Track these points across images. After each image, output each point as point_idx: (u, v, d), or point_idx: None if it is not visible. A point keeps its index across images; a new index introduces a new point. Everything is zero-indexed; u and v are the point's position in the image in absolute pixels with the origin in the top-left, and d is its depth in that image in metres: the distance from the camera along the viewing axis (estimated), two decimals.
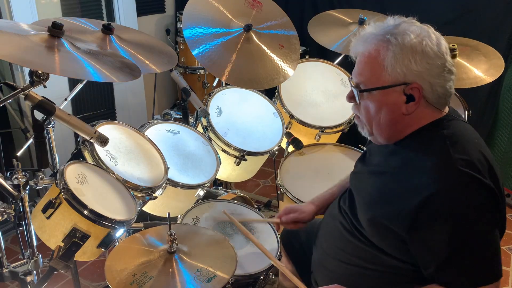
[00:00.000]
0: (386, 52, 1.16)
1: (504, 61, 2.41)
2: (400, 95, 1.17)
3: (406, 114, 1.19)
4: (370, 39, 1.20)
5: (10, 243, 2.60)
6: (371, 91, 1.20)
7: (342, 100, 2.45)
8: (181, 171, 1.97)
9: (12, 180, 1.48)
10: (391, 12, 1.31)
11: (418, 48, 1.14)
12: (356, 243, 1.29)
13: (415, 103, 1.17)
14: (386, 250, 1.22)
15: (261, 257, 1.72)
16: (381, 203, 1.21)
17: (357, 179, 1.40)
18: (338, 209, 1.41)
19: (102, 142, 1.54)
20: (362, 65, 1.22)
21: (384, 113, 1.21)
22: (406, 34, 1.15)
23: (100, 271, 2.42)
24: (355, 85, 1.24)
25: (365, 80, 1.21)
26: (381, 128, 1.23)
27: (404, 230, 1.14)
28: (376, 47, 1.18)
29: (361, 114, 1.26)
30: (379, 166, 1.31)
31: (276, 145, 2.22)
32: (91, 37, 1.92)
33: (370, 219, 1.23)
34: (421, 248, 1.14)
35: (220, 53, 2.16)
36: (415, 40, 1.14)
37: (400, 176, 1.19)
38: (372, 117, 1.23)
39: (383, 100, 1.19)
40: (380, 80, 1.18)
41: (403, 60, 1.14)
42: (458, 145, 1.15)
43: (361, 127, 1.31)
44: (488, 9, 2.93)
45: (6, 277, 1.58)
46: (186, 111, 2.22)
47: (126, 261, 1.34)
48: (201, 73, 3.64)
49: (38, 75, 1.42)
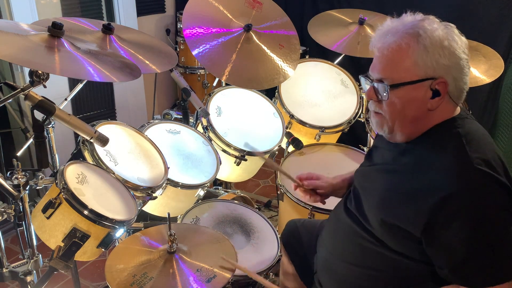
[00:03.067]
0: (417, 45, 1.14)
1: (503, 61, 2.41)
2: (427, 90, 1.16)
3: (430, 110, 1.18)
4: (400, 31, 1.17)
5: (10, 243, 2.60)
6: (399, 86, 1.17)
7: (342, 100, 2.45)
8: (181, 171, 1.97)
9: (12, 180, 1.48)
10: (391, 12, 1.31)
11: (446, 43, 1.14)
12: (365, 244, 1.27)
13: (440, 98, 1.16)
14: (399, 250, 1.20)
15: (261, 257, 1.73)
16: (393, 204, 1.19)
17: (364, 177, 1.38)
18: (345, 209, 1.39)
19: (102, 142, 1.54)
20: (388, 59, 1.17)
21: (410, 109, 1.18)
22: (433, 28, 1.15)
23: (100, 271, 2.42)
24: (378, 81, 1.20)
25: (393, 75, 1.17)
26: (405, 125, 1.21)
27: (419, 231, 1.13)
28: (406, 40, 1.15)
29: (384, 111, 1.22)
30: (389, 164, 1.29)
31: (276, 145, 2.22)
32: (91, 37, 1.92)
33: (381, 220, 1.21)
34: (437, 248, 1.13)
35: (220, 53, 2.16)
36: (443, 34, 1.14)
37: (413, 174, 1.18)
38: (398, 113, 1.19)
39: (410, 96, 1.17)
40: (409, 74, 1.15)
41: (433, 54, 1.13)
42: (474, 144, 1.14)
43: (379, 125, 1.26)
44: (488, 10, 2.93)
45: (6, 277, 1.58)
46: (186, 111, 2.22)
47: (126, 261, 1.35)
48: (201, 73, 3.64)
49: (38, 75, 1.42)
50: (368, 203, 1.29)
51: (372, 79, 1.22)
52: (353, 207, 1.35)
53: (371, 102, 1.25)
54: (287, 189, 2.00)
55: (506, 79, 2.97)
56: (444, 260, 1.13)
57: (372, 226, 1.25)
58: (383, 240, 1.23)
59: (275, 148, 2.22)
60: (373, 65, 1.22)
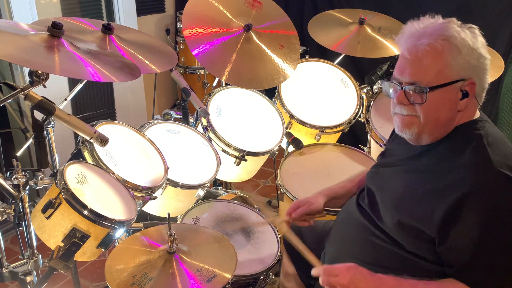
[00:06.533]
0: (450, 47, 1.14)
1: (503, 61, 2.41)
2: (457, 91, 1.16)
3: (459, 111, 1.18)
4: (433, 34, 1.16)
5: (10, 243, 2.60)
6: (435, 89, 1.15)
7: (342, 100, 2.45)
8: (181, 171, 1.97)
9: (12, 180, 1.48)
10: (391, 12, 1.31)
11: (475, 45, 1.15)
12: (376, 241, 1.27)
13: (468, 99, 1.17)
14: (412, 250, 1.21)
15: (261, 257, 1.72)
16: (411, 204, 1.20)
17: (380, 178, 1.37)
18: (357, 207, 1.39)
19: (102, 142, 1.54)
20: (422, 61, 1.16)
21: (444, 111, 1.18)
22: (462, 30, 1.15)
23: (100, 271, 2.42)
24: (409, 84, 1.18)
25: (427, 77, 1.15)
26: (437, 127, 1.20)
27: (435, 230, 1.13)
28: (440, 42, 1.14)
29: (419, 114, 1.19)
30: (408, 164, 1.29)
31: (276, 145, 2.22)
32: (91, 37, 1.92)
33: (398, 221, 1.21)
34: (449, 245, 1.13)
35: (220, 53, 2.16)
36: (470, 36, 1.15)
37: (434, 174, 1.18)
38: (432, 116, 1.18)
39: (444, 98, 1.16)
40: (443, 76, 1.15)
41: (465, 55, 1.14)
42: (495, 147, 1.15)
43: (407, 126, 1.22)
44: (488, 10, 2.93)
45: (6, 277, 1.58)
46: (186, 111, 2.22)
47: (126, 261, 1.34)
48: (201, 73, 3.64)
49: (38, 75, 1.42)
50: (384, 204, 1.28)
51: (401, 82, 1.20)
52: (367, 205, 1.35)
53: (400, 106, 1.22)
54: (287, 189, 2.00)
55: (506, 79, 2.97)
56: (453, 258, 1.14)
57: (386, 225, 1.25)
58: (396, 238, 1.23)
59: (275, 148, 2.22)
60: (403, 68, 1.20)
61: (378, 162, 1.46)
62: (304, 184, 2.05)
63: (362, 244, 1.32)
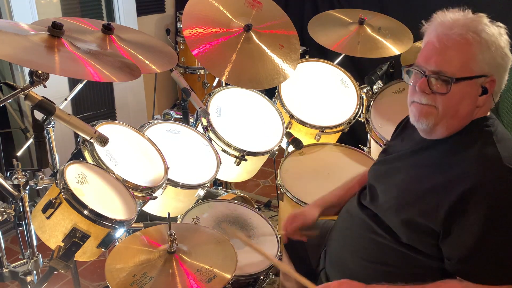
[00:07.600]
0: (480, 41, 1.14)
1: None
2: (478, 87, 1.16)
3: (478, 107, 1.18)
4: (465, 25, 1.15)
5: (10, 243, 2.60)
6: (460, 81, 1.14)
7: (342, 100, 2.45)
8: (181, 171, 1.97)
9: (12, 180, 1.48)
10: (391, 12, 1.31)
11: (501, 43, 1.15)
12: (379, 239, 1.27)
13: (487, 96, 1.17)
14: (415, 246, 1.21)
15: (261, 257, 1.72)
16: (415, 198, 1.20)
17: (382, 173, 1.37)
18: (359, 205, 1.39)
19: (102, 142, 1.54)
20: (451, 51, 1.14)
21: (464, 105, 1.17)
22: (491, 26, 1.16)
23: (100, 271, 2.42)
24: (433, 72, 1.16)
25: (452, 68, 1.14)
26: (454, 120, 1.19)
27: (439, 223, 1.13)
28: (472, 34, 1.14)
29: (438, 104, 1.17)
30: (413, 159, 1.29)
31: (276, 145, 2.22)
32: (91, 37, 1.92)
33: (401, 217, 1.21)
34: (451, 238, 1.13)
35: (220, 53, 2.16)
36: (498, 34, 1.16)
37: (440, 168, 1.19)
38: (452, 108, 1.17)
39: (466, 91, 1.16)
40: (468, 69, 1.14)
41: (491, 52, 1.14)
42: (503, 143, 1.16)
43: (425, 116, 1.20)
44: (488, 10, 2.93)
45: (6, 277, 1.58)
46: (186, 111, 2.22)
47: (126, 261, 1.35)
48: (201, 73, 3.64)
49: (38, 75, 1.42)
50: (387, 199, 1.28)
51: (424, 70, 1.18)
52: (369, 202, 1.35)
53: (419, 94, 1.19)
54: (287, 189, 2.00)
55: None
56: (453, 251, 1.14)
57: (389, 221, 1.25)
58: (399, 235, 1.23)
59: (275, 148, 2.22)
60: (429, 56, 1.18)
61: (381, 159, 1.45)
62: (304, 184, 2.05)
63: (363, 242, 1.32)
